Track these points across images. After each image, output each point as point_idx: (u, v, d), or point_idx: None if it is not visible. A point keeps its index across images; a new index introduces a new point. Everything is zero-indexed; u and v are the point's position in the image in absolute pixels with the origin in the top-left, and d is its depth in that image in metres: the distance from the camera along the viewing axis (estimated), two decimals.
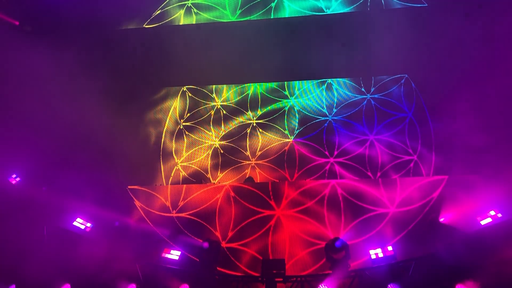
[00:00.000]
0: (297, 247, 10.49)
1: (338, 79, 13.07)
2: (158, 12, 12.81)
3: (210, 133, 13.25)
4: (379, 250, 9.54)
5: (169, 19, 12.75)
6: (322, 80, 13.16)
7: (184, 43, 11.93)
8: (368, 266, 9.66)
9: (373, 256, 9.48)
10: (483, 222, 8.98)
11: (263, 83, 13.39)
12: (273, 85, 13.47)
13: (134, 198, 11.40)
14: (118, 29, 12.17)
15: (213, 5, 12.74)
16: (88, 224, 9.97)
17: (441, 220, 9.87)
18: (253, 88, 13.46)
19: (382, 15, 11.93)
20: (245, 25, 12.18)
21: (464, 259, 8.06)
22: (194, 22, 12.58)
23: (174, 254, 9.91)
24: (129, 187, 11.51)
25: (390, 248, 9.47)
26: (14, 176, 10.08)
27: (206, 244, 10.08)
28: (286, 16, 12.35)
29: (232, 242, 10.78)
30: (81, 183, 10.32)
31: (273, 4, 12.51)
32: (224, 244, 10.73)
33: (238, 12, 12.58)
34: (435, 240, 9.45)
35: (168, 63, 12.11)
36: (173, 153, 13.03)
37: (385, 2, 12.19)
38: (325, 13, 12.28)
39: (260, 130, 13.07)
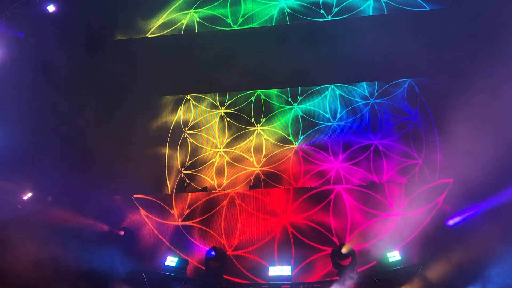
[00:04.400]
0: (303, 254, 10.45)
1: (341, 84, 13.08)
2: (161, 21, 12.91)
3: (215, 141, 13.29)
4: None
5: (172, 28, 12.85)
6: (326, 85, 13.18)
7: (186, 51, 12.00)
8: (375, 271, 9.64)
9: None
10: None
11: (267, 90, 13.43)
12: (277, 91, 13.51)
13: (139, 207, 11.43)
14: (122, 39, 12.25)
15: (215, 14, 12.83)
16: None
17: (448, 223, 9.82)
18: (257, 95, 13.51)
19: (384, 20, 11.94)
20: (247, 33, 12.24)
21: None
22: (196, 31, 12.66)
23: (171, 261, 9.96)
24: (134, 196, 11.53)
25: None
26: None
27: (212, 252, 10.09)
28: (288, 24, 12.40)
29: (238, 249, 10.76)
30: (87, 193, 10.38)
31: (275, 12, 12.59)
32: (230, 252, 10.71)
33: (240, 20, 12.66)
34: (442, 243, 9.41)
35: (172, 71, 12.18)
36: (178, 162, 13.07)
37: (387, 7, 12.21)
38: (327, 19, 12.32)
39: (265, 136, 13.09)
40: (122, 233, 10.50)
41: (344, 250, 9.55)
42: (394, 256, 9.43)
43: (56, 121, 10.89)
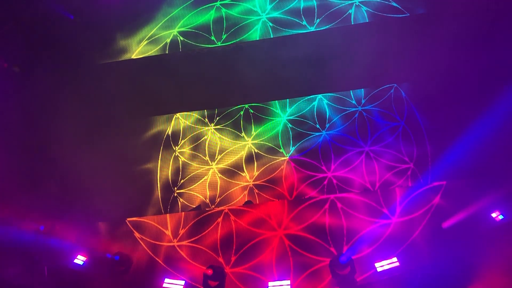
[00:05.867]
0: (302, 267, 10.37)
1: (328, 94, 13.14)
2: (145, 42, 12.94)
3: (206, 158, 13.23)
4: (384, 263, 9.47)
5: (156, 49, 12.89)
6: (313, 96, 13.23)
7: (173, 70, 12.02)
8: (374, 279, 9.59)
9: (379, 269, 9.45)
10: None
11: (254, 103, 13.44)
12: (265, 104, 13.52)
13: (133, 230, 11.30)
14: (106, 62, 12.25)
15: (198, 32, 12.89)
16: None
17: (444, 226, 9.83)
18: (245, 109, 13.51)
19: (365, 28, 12.07)
20: (231, 48, 12.29)
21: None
22: (180, 50, 12.70)
23: (178, 284, 9.85)
24: (128, 219, 11.41)
25: (395, 259, 9.42)
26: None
27: (209, 271, 9.95)
28: (271, 37, 12.49)
29: (236, 266, 10.65)
30: (79, 218, 10.26)
31: (257, 26, 12.68)
32: (228, 269, 10.59)
33: (224, 36, 12.72)
34: (440, 247, 9.41)
35: (159, 91, 12.17)
36: (170, 181, 12.97)
37: (368, 14, 12.35)
38: (308, 31, 12.43)
39: (256, 150, 13.06)
40: (117, 258, 10.35)
41: (342, 260, 9.47)
42: (391, 262, 9.41)
43: (36, 143, 10.80)
